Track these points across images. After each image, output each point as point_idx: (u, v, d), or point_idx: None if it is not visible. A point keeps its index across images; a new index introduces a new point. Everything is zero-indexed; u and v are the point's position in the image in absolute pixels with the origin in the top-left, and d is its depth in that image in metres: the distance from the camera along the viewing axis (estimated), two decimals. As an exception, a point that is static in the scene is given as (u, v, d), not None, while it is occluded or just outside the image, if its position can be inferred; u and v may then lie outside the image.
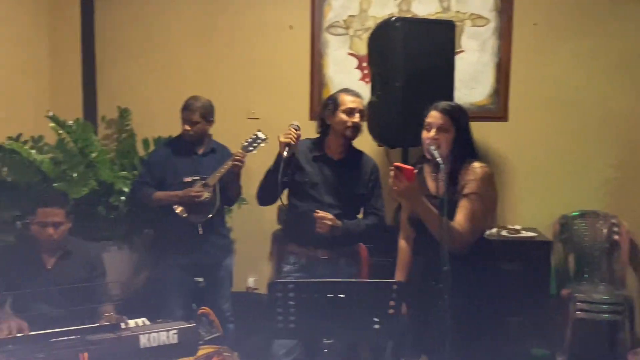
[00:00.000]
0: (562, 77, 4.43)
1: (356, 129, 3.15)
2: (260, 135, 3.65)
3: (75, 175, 3.86)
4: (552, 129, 4.46)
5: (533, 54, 4.44)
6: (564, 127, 4.45)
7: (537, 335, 4.17)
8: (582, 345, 4.14)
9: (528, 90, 4.46)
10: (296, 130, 3.10)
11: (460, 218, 2.51)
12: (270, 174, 3.14)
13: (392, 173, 2.42)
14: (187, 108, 3.64)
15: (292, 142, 3.06)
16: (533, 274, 4.07)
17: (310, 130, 3.34)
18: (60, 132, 4.01)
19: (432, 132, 2.55)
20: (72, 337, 2.33)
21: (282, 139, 3.06)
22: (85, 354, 2.24)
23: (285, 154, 3.03)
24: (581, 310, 3.98)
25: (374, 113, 3.82)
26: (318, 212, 3.06)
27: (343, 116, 3.13)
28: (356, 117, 3.14)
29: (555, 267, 4.29)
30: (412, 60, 3.60)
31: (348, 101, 3.14)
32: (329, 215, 3.06)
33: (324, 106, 3.24)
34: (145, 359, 2.40)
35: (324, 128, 3.24)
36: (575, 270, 4.31)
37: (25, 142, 3.93)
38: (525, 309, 4.00)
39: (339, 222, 3.09)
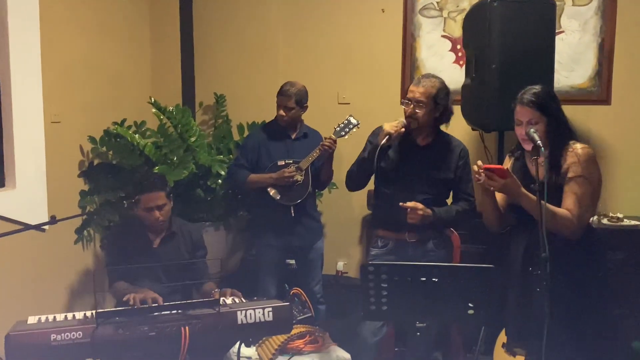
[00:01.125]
0: (671, 57, 4.18)
1: (413, 119, 3.08)
2: (353, 120, 3.67)
3: (175, 158, 4.02)
4: (658, 113, 4.22)
5: (638, 33, 4.21)
6: (671, 111, 4.20)
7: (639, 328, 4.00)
8: (689, 341, 3.93)
9: (633, 72, 4.22)
10: (403, 125, 3.07)
11: (569, 204, 2.45)
12: (364, 161, 3.14)
13: (485, 175, 2.41)
14: (282, 94, 3.70)
15: (394, 134, 3.03)
16: (636, 264, 3.89)
17: (401, 115, 3.33)
18: (162, 117, 4.18)
19: (522, 129, 2.51)
20: (174, 311, 2.44)
21: (387, 128, 3.03)
22: (187, 328, 2.34)
23: (384, 141, 3.01)
24: (689, 303, 3.77)
25: (468, 96, 3.75)
26: (408, 203, 3.04)
27: (404, 105, 3.12)
28: (410, 108, 3.07)
29: (660, 258, 4.08)
30: (509, 41, 3.49)
31: (409, 91, 3.11)
32: (420, 205, 3.04)
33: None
34: (242, 334, 2.48)
35: None
36: (683, 262, 4.07)
37: (129, 127, 4.13)
38: (628, 301, 3.85)
39: (429, 211, 3.07)
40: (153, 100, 4.21)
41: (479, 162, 2.47)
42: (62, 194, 3.67)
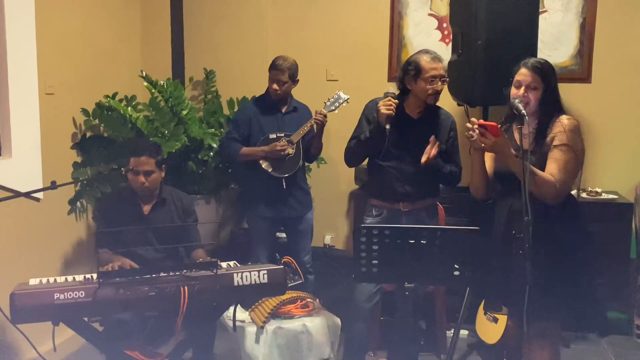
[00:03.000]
0: (649, 38, 4.32)
1: (438, 95, 3.17)
2: (342, 95, 3.76)
3: (166, 132, 4.08)
4: (637, 91, 4.37)
5: (619, 13, 4.34)
6: (649, 90, 4.35)
7: (614, 298, 4.15)
8: (661, 310, 4.10)
9: (613, 52, 4.37)
10: (394, 97, 3.12)
11: (553, 169, 2.55)
12: (368, 141, 3.20)
13: (477, 132, 2.50)
14: (276, 68, 3.76)
15: (393, 114, 3.07)
16: (613, 236, 4.04)
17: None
18: (153, 91, 4.23)
19: (522, 90, 2.59)
20: (173, 273, 2.53)
21: (384, 111, 3.06)
22: (186, 288, 2.43)
23: (387, 126, 3.07)
24: (661, 273, 3.93)
25: (454, 72, 3.85)
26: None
27: (425, 85, 3.12)
28: (438, 85, 3.13)
29: (636, 231, 4.23)
30: (494, 18, 3.61)
31: (430, 69, 3.10)
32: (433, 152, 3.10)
33: (404, 71, 3.20)
34: (238, 295, 2.58)
35: (404, 90, 3.24)
36: (657, 235, 4.23)
37: (120, 100, 4.18)
38: (604, 272, 3.98)
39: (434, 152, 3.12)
40: (144, 74, 4.25)
41: (473, 119, 2.55)
42: (56, 164, 3.71)
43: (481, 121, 2.52)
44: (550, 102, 2.61)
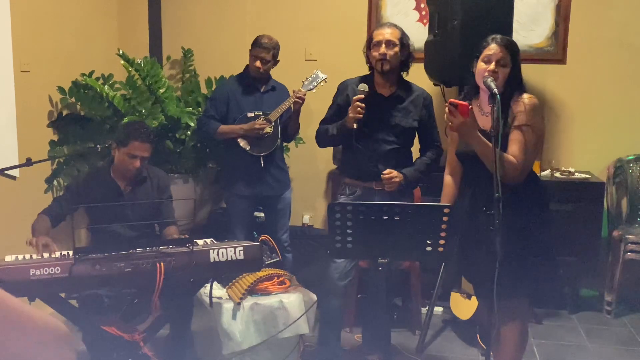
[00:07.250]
0: (623, 20, 4.36)
1: (384, 60, 3.14)
2: (320, 74, 3.77)
3: (143, 110, 4.07)
4: (610, 72, 4.42)
5: (594, -5, 4.39)
6: (623, 71, 4.41)
7: (586, 276, 4.24)
8: (631, 287, 4.20)
9: (588, 33, 4.41)
10: (365, 94, 3.11)
11: (515, 150, 2.58)
12: (334, 137, 3.27)
13: (447, 109, 2.52)
14: (261, 46, 3.75)
15: (361, 117, 3.09)
16: (585, 215, 4.11)
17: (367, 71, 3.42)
18: (130, 69, 4.21)
19: (492, 65, 2.61)
20: (149, 249, 2.54)
21: (352, 116, 3.09)
22: (162, 264, 2.45)
23: (355, 126, 3.10)
24: (632, 251, 4.02)
25: (431, 52, 3.88)
26: (385, 174, 3.16)
27: (373, 51, 3.19)
28: (382, 49, 3.14)
29: (608, 210, 4.32)
30: (471, -1, 3.63)
31: (376, 35, 3.19)
32: (394, 173, 3.17)
33: (366, 47, 3.30)
34: (214, 271, 2.61)
35: (370, 65, 3.29)
36: (628, 213, 4.32)
37: (97, 79, 4.15)
38: (577, 250, 4.07)
39: (401, 176, 3.19)
40: (121, 52, 4.22)
41: (451, 99, 2.57)
42: (32, 143, 3.69)
43: (453, 100, 2.54)
44: (515, 80, 2.65)
